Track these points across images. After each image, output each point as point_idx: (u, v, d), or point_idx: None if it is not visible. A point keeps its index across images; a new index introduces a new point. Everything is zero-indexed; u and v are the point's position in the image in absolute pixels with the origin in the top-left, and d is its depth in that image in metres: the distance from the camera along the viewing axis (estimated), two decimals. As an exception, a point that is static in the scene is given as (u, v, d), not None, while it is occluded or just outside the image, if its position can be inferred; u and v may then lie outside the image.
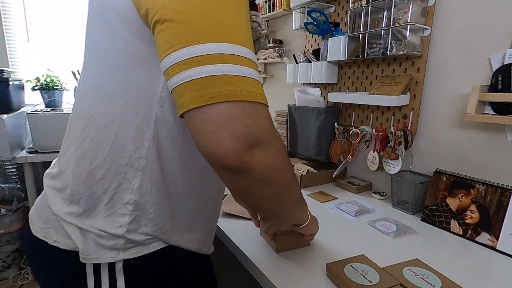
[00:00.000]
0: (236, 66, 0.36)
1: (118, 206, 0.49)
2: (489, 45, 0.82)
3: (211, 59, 0.35)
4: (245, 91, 0.36)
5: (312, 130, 1.26)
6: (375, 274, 0.61)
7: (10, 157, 1.60)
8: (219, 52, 0.35)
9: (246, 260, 0.71)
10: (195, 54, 0.35)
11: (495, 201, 0.78)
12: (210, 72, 0.35)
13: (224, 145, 0.35)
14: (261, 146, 0.37)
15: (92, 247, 0.48)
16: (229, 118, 0.35)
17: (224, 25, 0.37)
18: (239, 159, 0.36)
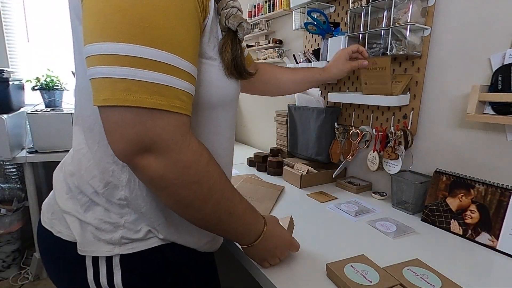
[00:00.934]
0: (138, 70, 0.35)
1: (112, 202, 0.50)
2: (489, 45, 0.82)
3: (110, 59, 0.35)
4: (140, 98, 0.36)
5: (312, 130, 1.26)
6: (375, 274, 0.61)
7: (10, 157, 1.60)
8: (121, 53, 0.35)
9: (246, 260, 0.71)
10: (95, 52, 0.36)
11: (495, 201, 0.78)
12: (106, 74, 0.35)
13: (116, 145, 0.38)
14: (153, 153, 0.38)
15: (90, 240, 0.49)
16: (121, 123, 0.37)
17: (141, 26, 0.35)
18: (128, 160, 0.39)
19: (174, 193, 0.42)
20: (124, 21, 0.35)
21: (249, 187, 1.11)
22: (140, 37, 0.35)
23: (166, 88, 0.37)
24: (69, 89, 2.02)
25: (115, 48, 0.35)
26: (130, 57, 0.35)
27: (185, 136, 0.40)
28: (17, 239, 1.88)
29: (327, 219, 0.91)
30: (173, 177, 0.40)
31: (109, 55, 0.35)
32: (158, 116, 0.37)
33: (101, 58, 0.36)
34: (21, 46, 2.10)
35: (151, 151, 0.38)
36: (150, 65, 0.36)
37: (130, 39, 0.35)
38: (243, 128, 2.14)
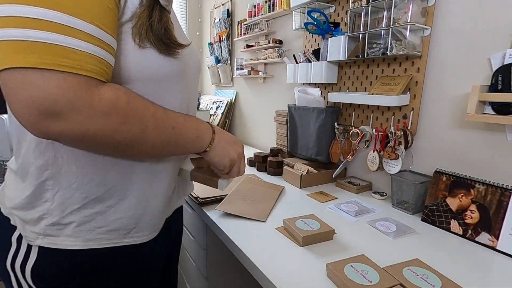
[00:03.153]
0: (35, 31, 0.34)
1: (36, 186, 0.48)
2: (489, 45, 0.82)
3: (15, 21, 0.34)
4: (28, 58, 0.34)
5: (312, 130, 1.26)
6: (375, 274, 0.61)
7: (10, 157, 1.60)
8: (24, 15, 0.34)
9: (246, 260, 0.71)
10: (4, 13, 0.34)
11: (495, 201, 0.78)
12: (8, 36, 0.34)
13: (18, 113, 0.36)
14: (60, 116, 0.36)
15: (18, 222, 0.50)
16: (15, 84, 0.34)
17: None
18: (37, 130, 0.37)
19: (109, 141, 0.41)
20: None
21: (249, 187, 1.11)
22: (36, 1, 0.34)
23: (56, 47, 0.35)
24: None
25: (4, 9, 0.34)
26: (21, 18, 0.34)
27: (92, 91, 0.38)
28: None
29: (327, 219, 0.91)
30: (97, 129, 0.39)
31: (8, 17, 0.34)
32: (51, 76, 0.35)
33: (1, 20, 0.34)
34: (21, 46, 2.09)
35: (56, 114, 0.36)
36: (37, 24, 0.34)
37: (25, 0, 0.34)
38: (243, 128, 2.14)
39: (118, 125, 0.41)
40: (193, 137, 0.52)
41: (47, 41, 0.35)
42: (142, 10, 0.45)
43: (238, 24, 1.97)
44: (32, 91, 0.34)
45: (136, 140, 0.44)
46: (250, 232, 0.82)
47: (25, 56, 0.34)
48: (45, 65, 0.35)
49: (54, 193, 0.48)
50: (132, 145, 0.44)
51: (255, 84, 1.93)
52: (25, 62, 0.34)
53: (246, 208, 0.94)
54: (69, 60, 0.36)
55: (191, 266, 1.29)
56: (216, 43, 2.27)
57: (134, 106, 0.43)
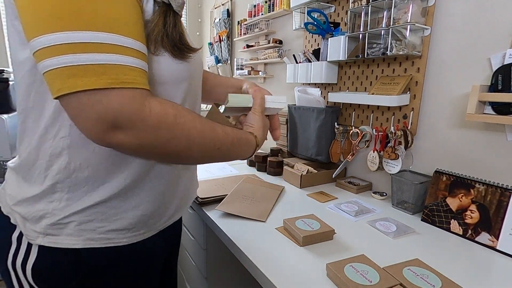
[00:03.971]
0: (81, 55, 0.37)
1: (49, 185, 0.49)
2: (489, 45, 0.82)
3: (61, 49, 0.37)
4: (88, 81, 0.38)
5: (312, 130, 1.26)
6: (375, 274, 0.61)
7: (10, 157, 1.60)
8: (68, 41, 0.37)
9: (246, 260, 0.71)
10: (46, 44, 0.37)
11: (495, 201, 0.78)
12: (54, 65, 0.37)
13: (85, 128, 0.40)
14: (121, 128, 0.40)
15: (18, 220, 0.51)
16: (81, 107, 0.39)
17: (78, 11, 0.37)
18: (102, 141, 0.41)
19: (159, 154, 0.46)
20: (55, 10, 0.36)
21: (249, 187, 1.11)
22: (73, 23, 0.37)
23: (110, 67, 0.39)
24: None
25: (52, 39, 0.36)
26: (69, 44, 0.37)
27: (143, 105, 0.41)
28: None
29: (327, 219, 0.91)
30: (150, 142, 0.43)
31: (48, 47, 0.37)
32: (111, 93, 0.39)
33: (43, 51, 0.37)
34: (21, 46, 2.10)
35: (118, 127, 0.40)
36: (90, 47, 0.37)
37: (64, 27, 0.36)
38: (243, 128, 2.14)
39: (167, 140, 0.44)
40: (236, 156, 0.57)
41: (107, 62, 0.39)
42: (157, 17, 0.47)
43: (238, 24, 1.97)
44: (98, 108, 0.39)
45: (182, 155, 0.48)
46: (250, 232, 0.82)
47: (97, 79, 0.38)
48: (107, 84, 0.39)
49: (63, 195, 0.49)
50: (179, 158, 0.49)
51: (255, 84, 1.93)
52: (92, 84, 0.38)
53: (246, 208, 0.94)
54: (126, 76, 0.40)
55: (191, 266, 1.29)
56: (216, 43, 2.27)
57: (182, 121, 0.45)
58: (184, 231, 1.32)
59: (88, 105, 0.39)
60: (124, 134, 0.41)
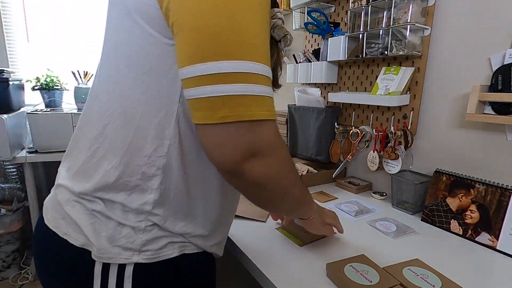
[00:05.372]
0: (249, 85, 0.39)
1: (135, 205, 0.47)
2: (489, 45, 0.82)
3: (226, 78, 0.38)
4: (254, 111, 0.40)
5: (312, 130, 1.26)
6: (375, 274, 0.61)
7: (10, 157, 1.60)
8: (235, 70, 0.38)
9: (246, 260, 0.71)
10: (212, 71, 0.38)
11: (495, 201, 0.78)
12: (224, 92, 0.38)
13: (227, 156, 0.40)
14: (258, 157, 0.42)
15: (105, 245, 0.46)
16: (236, 134, 0.40)
17: (244, 42, 0.38)
18: (236, 167, 0.41)
19: (275, 186, 0.46)
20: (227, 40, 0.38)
21: (249, 187, 1.11)
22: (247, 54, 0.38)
23: (266, 99, 0.41)
24: (69, 89, 2.02)
25: (227, 66, 0.38)
26: (241, 73, 0.38)
27: (279, 136, 0.45)
28: (17, 239, 1.88)
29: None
30: (276, 172, 0.44)
31: (222, 73, 0.38)
32: (264, 124, 0.41)
33: (213, 77, 0.38)
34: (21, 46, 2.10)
35: (256, 155, 0.41)
36: (258, 79, 0.39)
37: (238, 55, 0.38)
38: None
39: (287, 172, 0.47)
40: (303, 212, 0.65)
41: (266, 94, 0.41)
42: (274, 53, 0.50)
43: (238, 24, 1.97)
44: (250, 138, 0.40)
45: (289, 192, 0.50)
46: (250, 232, 0.82)
47: (252, 110, 0.39)
48: (265, 116, 0.41)
49: None
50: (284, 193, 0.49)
51: (255, 84, 1.93)
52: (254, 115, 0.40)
53: (246, 208, 0.94)
54: (274, 110, 0.43)
55: (191, 266, 1.29)
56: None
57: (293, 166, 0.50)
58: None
59: (244, 134, 0.40)
60: (258, 162, 0.42)
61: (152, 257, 0.48)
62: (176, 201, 0.49)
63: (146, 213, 0.48)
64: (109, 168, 0.47)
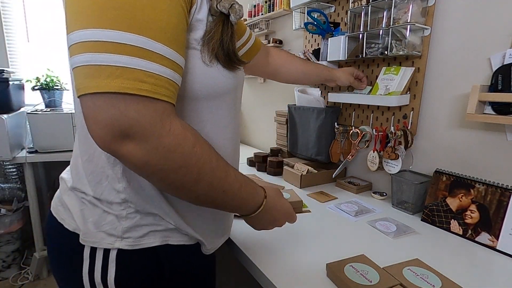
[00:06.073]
0: (110, 55, 0.35)
1: (113, 195, 0.50)
2: (489, 45, 0.82)
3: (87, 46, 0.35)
4: (110, 84, 0.35)
5: (312, 130, 1.26)
6: (375, 274, 0.61)
7: (10, 157, 1.60)
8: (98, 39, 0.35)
9: (246, 259, 0.71)
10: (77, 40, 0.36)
11: (495, 201, 0.78)
12: (81, 62, 0.36)
13: (94, 131, 0.37)
14: (133, 140, 0.37)
15: (92, 230, 0.50)
16: (94, 108, 0.36)
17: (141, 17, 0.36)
18: (108, 147, 0.38)
19: (163, 177, 0.41)
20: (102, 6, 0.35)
21: (249, 187, 1.11)
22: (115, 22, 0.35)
23: (144, 73, 0.36)
24: (69, 89, 2.02)
25: (89, 34, 0.35)
26: (107, 42, 0.35)
27: (165, 121, 0.39)
28: (17, 239, 1.88)
29: (327, 219, 0.91)
30: (158, 163, 0.39)
31: (82, 42, 0.36)
32: (131, 100, 0.36)
33: (76, 46, 0.36)
34: (21, 46, 2.10)
35: (130, 137, 0.37)
36: (120, 49, 0.35)
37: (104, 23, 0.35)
38: (243, 128, 2.14)
39: (177, 167, 0.41)
40: (239, 205, 0.53)
41: (129, 66, 0.36)
42: (215, 27, 0.46)
43: (238, 24, 1.97)
44: (112, 113, 0.36)
45: (186, 188, 0.43)
46: (250, 232, 0.81)
47: (109, 81, 0.35)
48: (127, 89, 0.36)
49: None
50: (181, 190, 0.44)
51: (255, 84, 1.93)
52: (109, 87, 0.35)
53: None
54: (148, 84, 0.37)
55: (191, 266, 1.29)
56: None
57: (199, 152, 0.42)
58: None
59: (102, 108, 0.36)
60: (134, 146, 0.38)
61: (133, 243, 0.51)
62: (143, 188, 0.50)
63: (125, 201, 0.50)
64: (83, 162, 0.52)
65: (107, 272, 0.50)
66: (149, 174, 0.41)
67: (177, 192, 0.45)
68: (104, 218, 0.50)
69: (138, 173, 0.43)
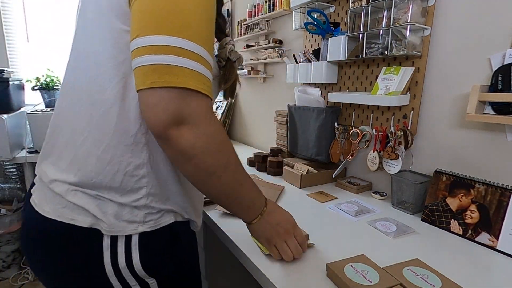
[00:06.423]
0: (181, 58, 0.44)
1: (132, 182, 0.53)
2: (489, 45, 0.82)
3: (160, 49, 0.43)
4: (181, 80, 0.44)
5: (312, 130, 1.26)
6: (375, 274, 0.61)
7: (10, 157, 1.60)
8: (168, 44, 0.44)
9: (246, 260, 0.71)
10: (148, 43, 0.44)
11: (495, 201, 0.78)
12: (155, 61, 0.44)
13: (158, 116, 0.44)
14: (187, 125, 0.46)
15: (113, 221, 0.52)
16: (167, 98, 0.44)
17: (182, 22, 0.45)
18: (165, 129, 0.45)
19: (201, 161, 0.48)
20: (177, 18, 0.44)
21: (249, 187, 1.10)
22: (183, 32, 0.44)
23: (200, 75, 0.46)
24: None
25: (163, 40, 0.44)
26: (174, 47, 0.44)
27: (211, 113, 0.48)
28: (17, 239, 1.88)
29: (327, 219, 0.91)
30: (202, 145, 0.47)
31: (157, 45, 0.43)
32: (195, 95, 0.46)
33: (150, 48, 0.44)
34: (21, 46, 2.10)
35: (185, 122, 0.45)
36: (190, 55, 0.45)
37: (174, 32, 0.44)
38: (243, 128, 2.14)
39: (215, 150, 0.49)
40: (247, 205, 0.60)
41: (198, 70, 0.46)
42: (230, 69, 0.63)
43: (238, 24, 1.97)
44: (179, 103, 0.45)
45: (216, 173, 0.51)
46: (250, 232, 0.81)
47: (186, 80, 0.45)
48: (196, 87, 0.46)
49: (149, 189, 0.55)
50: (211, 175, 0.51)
51: (255, 84, 1.93)
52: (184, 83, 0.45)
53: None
54: (206, 86, 0.48)
55: (191, 266, 1.29)
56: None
57: (229, 143, 0.52)
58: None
59: (173, 98, 0.44)
60: (187, 130, 0.46)
61: (154, 225, 0.56)
62: (162, 174, 0.56)
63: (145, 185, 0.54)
64: (99, 153, 0.52)
65: (131, 256, 0.53)
66: (191, 156, 0.48)
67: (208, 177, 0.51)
68: (123, 209, 0.53)
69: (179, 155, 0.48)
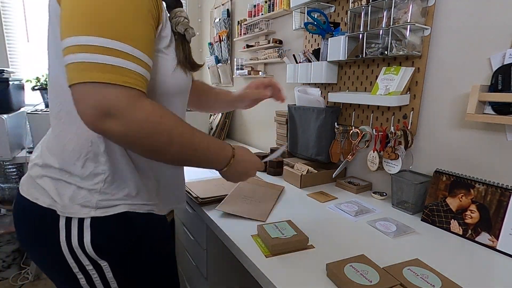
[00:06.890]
0: (95, 55, 0.47)
1: (92, 167, 0.59)
2: (489, 45, 0.82)
3: (80, 48, 0.46)
4: (95, 75, 0.47)
5: (312, 130, 1.26)
6: (375, 274, 0.61)
7: (10, 157, 1.60)
8: (87, 43, 0.46)
9: (247, 260, 0.71)
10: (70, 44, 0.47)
11: (495, 201, 0.78)
12: (76, 59, 0.47)
13: (83, 112, 0.48)
14: (113, 117, 0.48)
15: (68, 204, 0.58)
16: (84, 93, 0.48)
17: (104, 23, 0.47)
18: (93, 124, 0.48)
19: (141, 144, 0.52)
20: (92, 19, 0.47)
21: (249, 187, 1.11)
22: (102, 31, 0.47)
23: (120, 68, 0.48)
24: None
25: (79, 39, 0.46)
26: (90, 46, 0.47)
27: (137, 102, 0.50)
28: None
29: (327, 219, 0.91)
30: (134, 133, 0.50)
31: (75, 45, 0.46)
32: (111, 88, 0.48)
33: (72, 48, 0.47)
34: (21, 46, 2.10)
35: (110, 115, 0.48)
36: (105, 51, 0.47)
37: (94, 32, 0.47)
38: (243, 128, 2.14)
39: (150, 134, 0.52)
40: (211, 160, 0.66)
41: (114, 64, 0.48)
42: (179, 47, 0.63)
43: (238, 24, 1.97)
44: (97, 98, 0.47)
45: (160, 151, 0.55)
46: (250, 232, 0.82)
47: (99, 74, 0.47)
48: (111, 80, 0.48)
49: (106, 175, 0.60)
50: (156, 153, 0.55)
51: (255, 84, 1.93)
52: (97, 78, 0.47)
53: (246, 208, 0.94)
54: (126, 78, 0.49)
55: (191, 266, 1.29)
56: (216, 43, 2.27)
57: (166, 121, 0.54)
58: (184, 231, 1.32)
59: (90, 93, 0.47)
60: (114, 122, 0.48)
61: (106, 211, 0.60)
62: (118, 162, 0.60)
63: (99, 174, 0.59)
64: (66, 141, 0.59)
65: (83, 237, 0.58)
66: (129, 143, 0.52)
67: (156, 155, 0.56)
68: (78, 193, 0.59)
69: (120, 144, 0.56)
